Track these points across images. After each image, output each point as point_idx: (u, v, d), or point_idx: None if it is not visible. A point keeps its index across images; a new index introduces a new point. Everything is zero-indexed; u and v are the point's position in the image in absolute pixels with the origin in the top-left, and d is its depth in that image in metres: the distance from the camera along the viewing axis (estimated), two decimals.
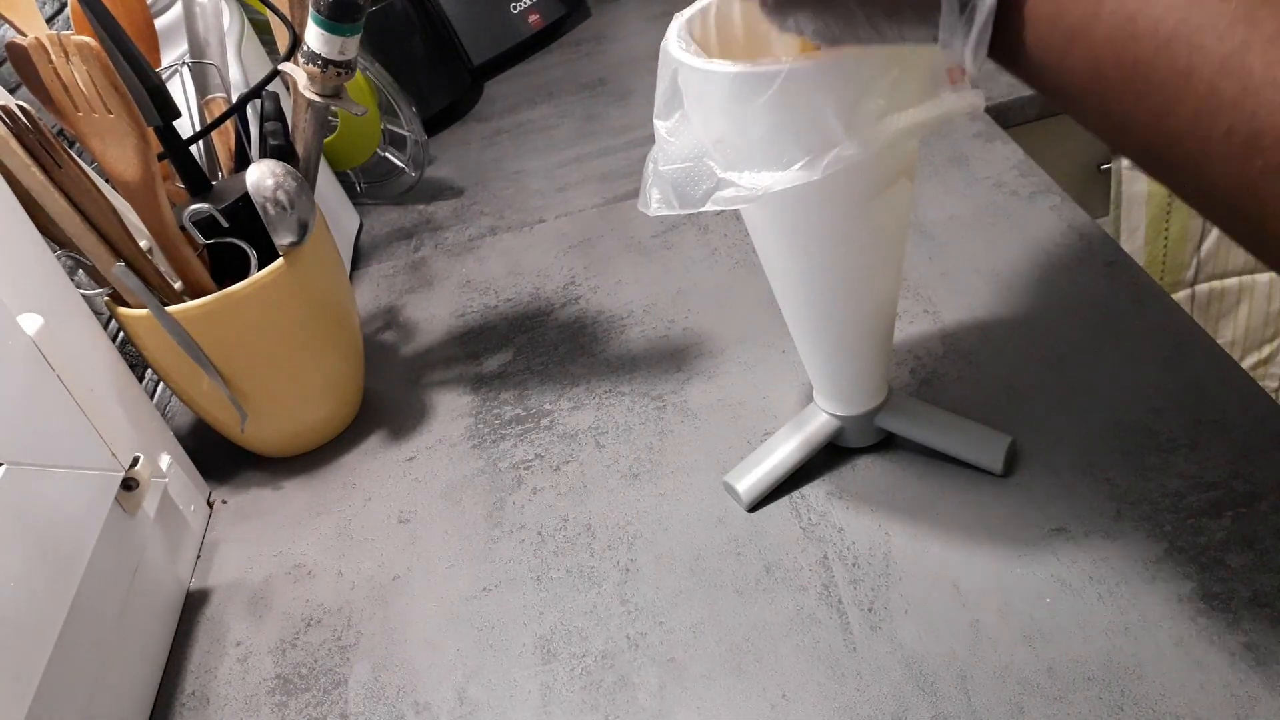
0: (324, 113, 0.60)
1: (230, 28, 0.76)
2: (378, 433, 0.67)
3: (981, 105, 0.38)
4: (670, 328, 0.68)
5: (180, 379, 0.61)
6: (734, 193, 0.38)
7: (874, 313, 0.47)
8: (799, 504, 0.53)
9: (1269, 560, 0.44)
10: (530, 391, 0.66)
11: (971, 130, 0.79)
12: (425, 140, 0.94)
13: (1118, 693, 0.41)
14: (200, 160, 0.64)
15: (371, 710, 0.49)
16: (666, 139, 0.40)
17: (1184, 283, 1.02)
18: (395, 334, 0.77)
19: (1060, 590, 0.45)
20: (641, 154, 0.91)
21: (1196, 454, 0.49)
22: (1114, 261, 0.62)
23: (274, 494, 0.65)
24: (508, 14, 1.15)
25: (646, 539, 0.54)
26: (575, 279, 0.76)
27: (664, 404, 0.62)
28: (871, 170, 0.41)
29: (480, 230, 0.87)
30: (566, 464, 0.60)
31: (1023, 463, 0.51)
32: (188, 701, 0.53)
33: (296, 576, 0.58)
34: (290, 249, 0.59)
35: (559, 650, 0.49)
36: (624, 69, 1.09)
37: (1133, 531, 0.46)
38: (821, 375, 0.51)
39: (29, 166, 0.52)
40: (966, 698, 0.42)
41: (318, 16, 0.54)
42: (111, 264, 0.55)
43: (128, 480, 0.54)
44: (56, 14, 0.79)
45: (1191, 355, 0.54)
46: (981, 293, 0.63)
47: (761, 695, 0.45)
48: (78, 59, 0.50)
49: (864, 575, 0.48)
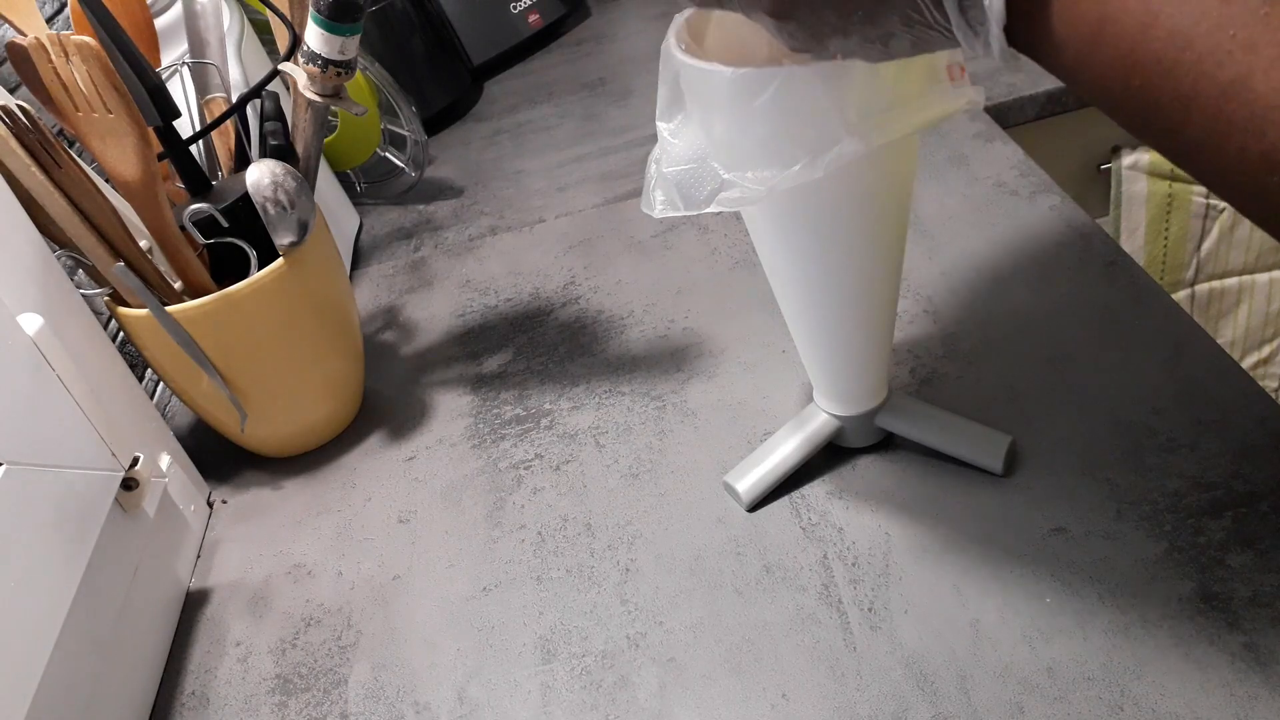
0: (324, 113, 0.60)
1: (230, 28, 0.76)
2: (378, 433, 0.67)
3: (981, 101, 0.38)
4: (670, 328, 0.68)
5: (180, 379, 0.61)
6: (738, 193, 0.38)
7: (874, 313, 0.47)
8: (799, 504, 0.53)
9: (1269, 560, 0.44)
10: (530, 391, 0.66)
11: (971, 130, 0.79)
12: (425, 140, 0.94)
13: (1118, 693, 0.41)
14: (200, 160, 0.64)
15: (371, 710, 0.49)
16: (669, 140, 0.40)
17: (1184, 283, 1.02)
18: (395, 334, 0.77)
19: (1060, 590, 0.45)
20: (642, 154, 0.91)
21: (1196, 454, 0.49)
22: (1114, 261, 0.62)
23: (274, 494, 0.65)
24: (508, 14, 1.15)
25: (646, 539, 0.54)
26: (575, 279, 0.76)
27: (664, 404, 0.62)
28: (872, 170, 0.41)
29: (480, 230, 0.87)
30: (566, 464, 0.60)
31: (1023, 463, 0.51)
32: (188, 701, 0.53)
33: (296, 576, 0.58)
34: (290, 249, 0.59)
35: (559, 650, 0.49)
36: (624, 69, 1.09)
37: (1133, 531, 0.46)
38: (821, 375, 0.51)
39: (29, 166, 0.52)
40: (966, 698, 0.42)
41: (318, 16, 0.54)
42: (111, 264, 0.55)
43: (128, 480, 0.54)
44: (56, 14, 0.79)
45: (1191, 355, 0.54)
46: (981, 293, 0.63)
47: (761, 695, 0.45)
48: (78, 59, 0.50)
49: (864, 575, 0.48)
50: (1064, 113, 0.88)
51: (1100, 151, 0.96)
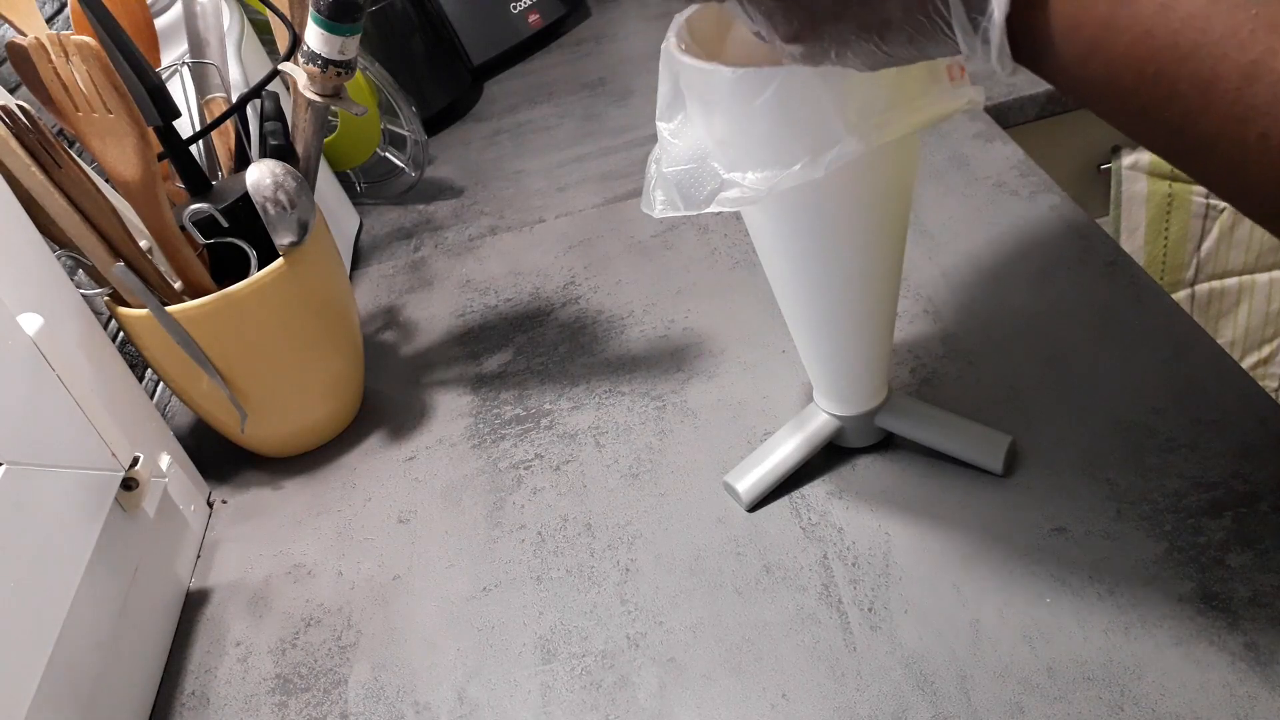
0: (324, 113, 0.60)
1: (230, 28, 0.76)
2: (378, 433, 0.67)
3: (981, 101, 0.38)
4: (670, 328, 0.68)
5: (180, 379, 0.61)
6: (738, 193, 0.38)
7: (874, 313, 0.47)
8: (799, 504, 0.53)
9: (1269, 560, 0.44)
10: (530, 391, 0.66)
11: (971, 130, 0.79)
12: (425, 140, 0.94)
13: (1118, 693, 0.41)
14: (200, 160, 0.64)
15: (371, 710, 0.49)
16: (670, 140, 0.40)
17: (1184, 283, 1.02)
18: (395, 334, 0.77)
19: (1060, 590, 0.45)
20: (642, 154, 0.91)
21: (1196, 454, 0.49)
22: (1114, 261, 0.62)
23: (274, 494, 0.65)
24: (508, 14, 1.15)
25: (646, 539, 0.54)
26: (575, 279, 0.76)
27: (664, 404, 0.62)
28: (872, 170, 0.41)
29: (480, 230, 0.87)
30: (566, 464, 0.60)
31: (1023, 463, 0.51)
32: (188, 701, 0.53)
33: (296, 576, 0.58)
34: (290, 249, 0.59)
35: (559, 650, 0.49)
36: (624, 69, 1.09)
37: (1133, 531, 0.46)
38: (821, 375, 0.51)
39: (29, 166, 0.52)
40: (966, 698, 0.42)
41: (318, 16, 0.54)
42: (111, 264, 0.55)
43: (128, 480, 0.54)
44: (56, 14, 0.79)
45: (1191, 355, 0.54)
46: (981, 293, 0.63)
47: (761, 695, 0.45)
48: (78, 59, 0.50)
49: (864, 575, 0.48)
50: (1064, 113, 0.88)
51: (1100, 151, 0.96)
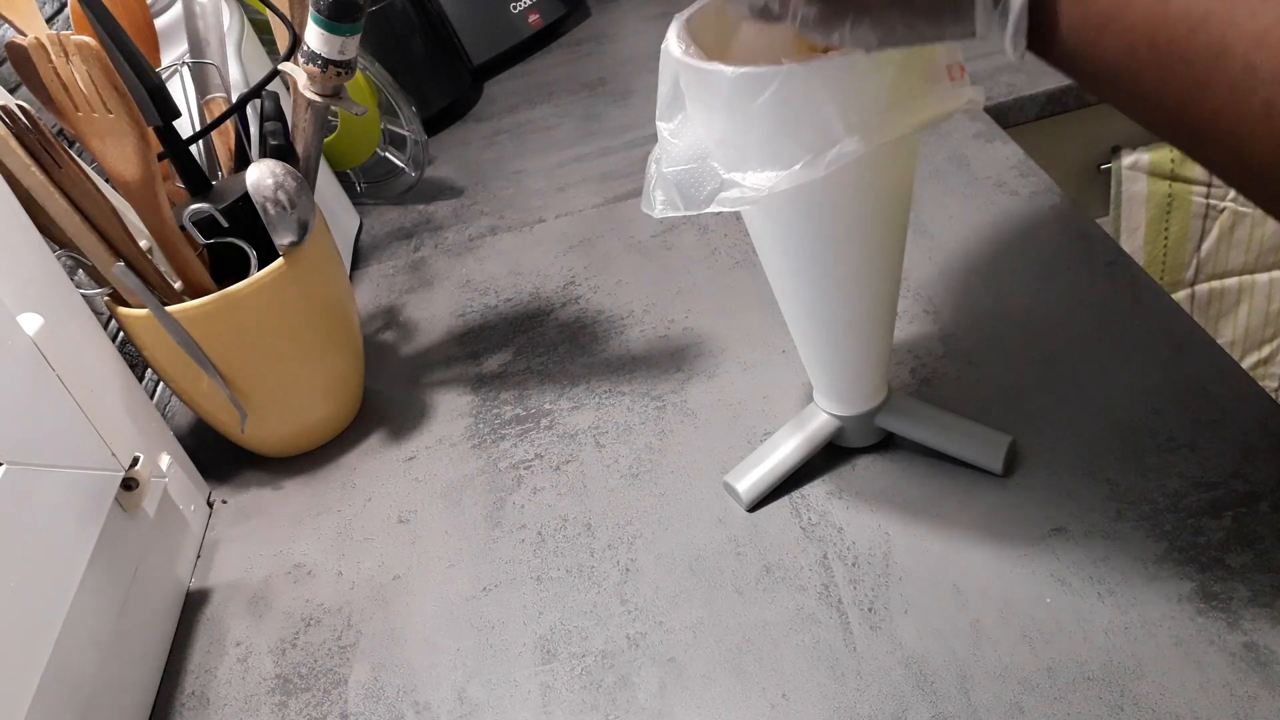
0: (324, 113, 0.60)
1: (230, 28, 0.76)
2: (378, 433, 0.67)
3: (981, 101, 0.38)
4: (670, 328, 0.68)
5: (180, 379, 0.61)
6: (738, 193, 0.38)
7: (874, 313, 0.47)
8: (799, 504, 0.53)
9: (1269, 560, 0.44)
10: (530, 391, 0.66)
11: (971, 130, 0.79)
12: (425, 140, 0.94)
13: (1118, 693, 0.41)
14: (200, 160, 0.64)
15: (371, 710, 0.49)
16: (670, 140, 0.40)
17: (1184, 283, 1.02)
18: (395, 334, 0.77)
19: (1060, 590, 0.45)
20: (641, 154, 0.91)
21: (1196, 454, 0.49)
22: (1114, 261, 0.62)
23: (274, 494, 0.65)
24: (508, 14, 1.15)
25: (646, 539, 0.54)
26: (575, 279, 0.76)
27: (664, 404, 0.62)
28: (872, 169, 0.41)
29: (480, 230, 0.87)
30: (566, 464, 0.60)
31: (1023, 463, 0.51)
32: (188, 701, 0.53)
33: (296, 576, 0.58)
34: (290, 249, 0.59)
35: (559, 650, 0.49)
36: (624, 69, 1.09)
37: (1133, 531, 0.46)
38: (821, 375, 0.51)
39: (29, 166, 0.52)
40: (966, 698, 0.42)
41: (318, 16, 0.54)
42: (111, 264, 0.55)
43: (128, 480, 0.54)
44: (56, 14, 0.79)
45: (1191, 355, 0.54)
46: (981, 293, 0.63)
47: (761, 695, 0.45)
48: (78, 59, 0.50)
49: (864, 575, 0.48)
50: (1064, 113, 0.88)
51: (1100, 151, 0.95)
